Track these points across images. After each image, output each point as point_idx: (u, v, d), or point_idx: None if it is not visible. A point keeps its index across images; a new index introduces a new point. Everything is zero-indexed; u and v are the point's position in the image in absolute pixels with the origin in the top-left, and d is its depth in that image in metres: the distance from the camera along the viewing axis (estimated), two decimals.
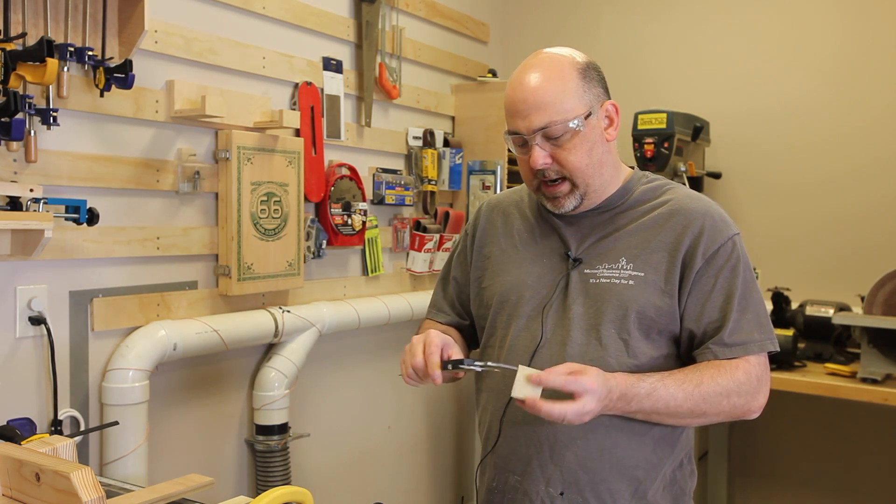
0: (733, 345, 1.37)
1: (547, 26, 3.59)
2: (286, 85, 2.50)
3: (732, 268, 1.40)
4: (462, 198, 3.24)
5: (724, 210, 1.49)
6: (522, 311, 1.48)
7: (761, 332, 1.39)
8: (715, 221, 1.42)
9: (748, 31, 3.17)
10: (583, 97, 1.39)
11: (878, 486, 2.96)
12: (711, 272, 1.39)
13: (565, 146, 1.38)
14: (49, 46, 1.64)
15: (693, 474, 1.51)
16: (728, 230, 1.42)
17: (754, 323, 1.39)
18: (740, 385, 1.35)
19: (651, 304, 1.38)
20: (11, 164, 1.77)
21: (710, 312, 1.39)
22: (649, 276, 1.39)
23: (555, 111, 1.37)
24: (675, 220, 1.42)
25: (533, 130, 1.38)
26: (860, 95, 2.96)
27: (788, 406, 3.07)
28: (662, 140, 2.78)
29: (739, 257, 1.41)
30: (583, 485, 1.41)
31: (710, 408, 1.34)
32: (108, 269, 2.01)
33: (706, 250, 1.39)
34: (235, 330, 2.21)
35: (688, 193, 1.48)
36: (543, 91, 1.37)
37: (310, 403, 2.65)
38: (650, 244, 1.41)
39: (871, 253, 2.90)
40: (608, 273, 1.41)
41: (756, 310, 1.40)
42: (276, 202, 2.36)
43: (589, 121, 1.39)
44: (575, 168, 1.40)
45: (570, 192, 1.42)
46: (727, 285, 1.39)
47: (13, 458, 1.31)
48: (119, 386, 1.96)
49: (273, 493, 1.25)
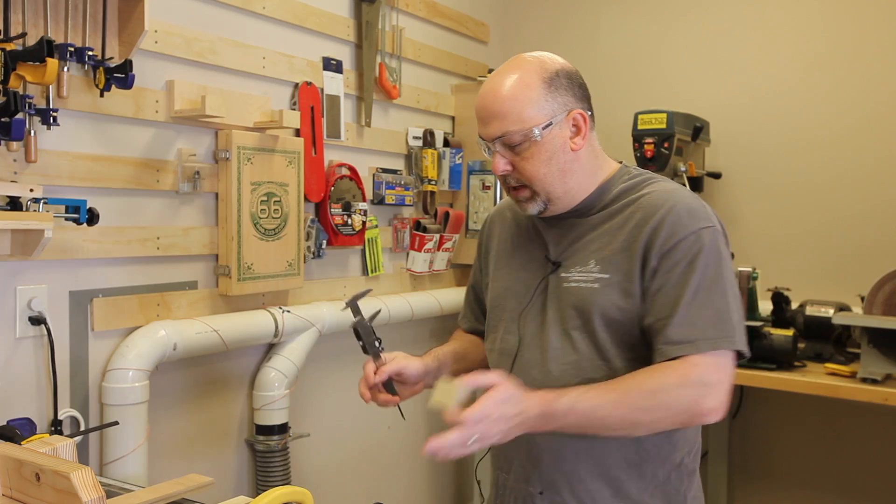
0: (680, 341, 1.29)
1: (547, 26, 3.59)
2: (286, 85, 2.50)
3: (690, 262, 1.32)
4: (462, 198, 3.24)
5: (714, 207, 1.43)
6: (507, 315, 1.52)
7: (718, 329, 1.30)
8: (678, 216, 1.35)
9: (748, 31, 3.17)
10: (543, 107, 1.37)
11: (878, 486, 2.96)
12: (667, 266, 1.33)
13: (523, 155, 1.39)
14: (49, 46, 1.64)
15: (694, 474, 1.49)
16: (693, 224, 1.35)
17: (711, 319, 1.30)
18: (673, 389, 1.27)
19: (614, 305, 1.37)
20: (11, 164, 1.77)
21: (661, 308, 1.32)
22: (614, 278, 1.38)
23: (512, 121, 1.37)
24: (638, 218, 1.38)
25: (492, 138, 1.40)
26: (861, 96, 2.96)
27: (788, 406, 3.07)
28: (662, 140, 2.78)
29: (700, 251, 1.33)
30: (560, 485, 1.42)
31: (643, 415, 1.28)
32: (107, 269, 2.01)
33: (663, 245, 1.34)
34: (235, 330, 2.21)
35: (662, 189, 1.41)
36: (503, 100, 1.38)
37: (310, 403, 2.65)
38: (615, 244, 1.39)
39: (871, 253, 2.90)
40: (578, 276, 1.41)
41: (717, 305, 1.31)
42: (276, 202, 2.36)
43: (549, 130, 1.38)
44: (532, 177, 1.40)
45: (531, 197, 1.43)
46: (681, 280, 1.32)
47: (13, 458, 1.31)
48: (119, 386, 1.96)
49: (273, 493, 1.25)
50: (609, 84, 3.39)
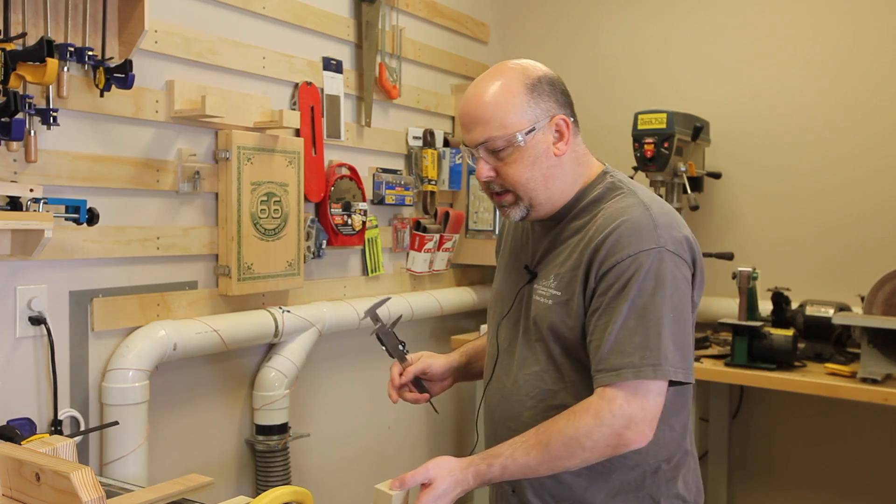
0: (606, 370, 1.30)
1: (547, 26, 3.59)
2: (286, 85, 2.50)
3: (623, 287, 1.31)
4: (462, 198, 3.24)
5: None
6: (494, 320, 1.57)
7: (643, 356, 1.28)
8: (619, 237, 1.33)
9: (748, 31, 3.16)
10: (526, 112, 1.38)
11: (878, 486, 2.96)
12: (602, 289, 1.33)
13: (506, 160, 1.39)
14: (49, 46, 1.64)
15: (673, 481, 1.44)
16: (633, 246, 1.32)
17: (639, 346, 1.28)
18: (588, 429, 1.28)
19: (563, 323, 1.38)
20: (11, 164, 1.77)
21: (595, 331, 1.33)
22: (563, 296, 1.39)
23: (495, 126, 1.37)
24: (588, 236, 1.39)
25: (475, 144, 1.40)
26: (861, 96, 2.96)
27: (788, 406, 3.07)
28: (662, 140, 2.78)
29: (635, 274, 1.30)
30: (524, 486, 1.44)
31: (567, 461, 1.31)
32: (107, 269, 2.01)
33: (600, 267, 1.34)
34: (235, 330, 2.21)
35: (618, 206, 1.39)
36: (486, 106, 1.38)
37: (310, 403, 2.65)
38: (570, 261, 1.40)
39: (871, 253, 2.90)
40: (541, 290, 1.44)
41: (647, 332, 1.29)
42: (276, 202, 2.36)
43: (532, 136, 1.38)
44: (516, 182, 1.40)
45: (515, 203, 1.43)
46: (612, 305, 1.31)
47: (13, 458, 1.31)
48: (119, 386, 1.96)
49: (273, 493, 1.25)
50: (609, 84, 3.38)
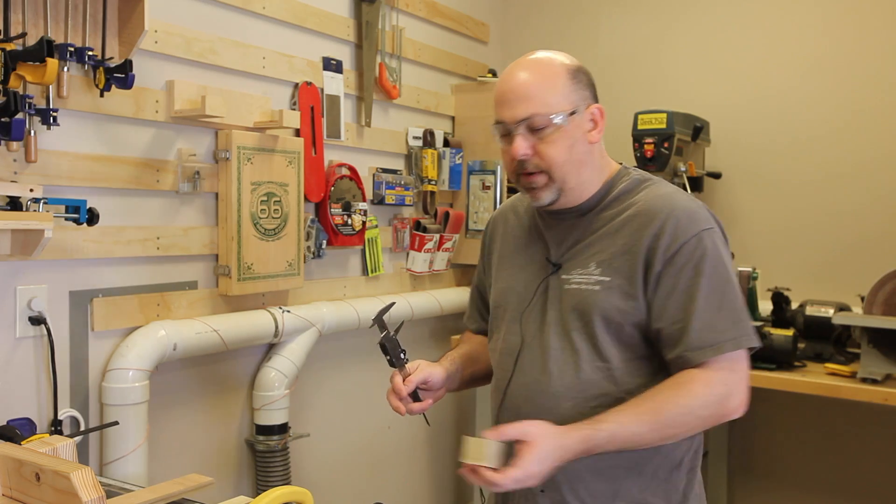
0: (702, 346, 1.34)
1: (547, 26, 3.59)
2: (286, 85, 2.50)
3: (696, 265, 1.36)
4: (462, 198, 3.24)
5: (714, 207, 1.47)
6: (509, 315, 1.54)
7: (736, 328, 1.35)
8: (678, 220, 1.38)
9: (748, 31, 3.16)
10: (568, 96, 1.42)
11: (878, 486, 2.95)
12: (673, 271, 1.37)
13: (547, 139, 1.41)
14: (49, 46, 1.64)
15: (694, 472, 1.49)
16: (694, 227, 1.38)
17: (729, 320, 1.35)
18: (702, 397, 1.32)
19: (614, 307, 1.39)
20: (11, 164, 1.77)
21: (674, 312, 1.36)
22: (615, 281, 1.40)
23: (539, 104, 1.40)
24: (637, 222, 1.41)
25: (517, 120, 1.42)
26: (860, 96, 2.96)
27: (788, 406, 3.07)
28: (662, 140, 2.78)
29: (705, 254, 1.36)
30: (559, 483, 1.43)
31: (679, 429, 1.34)
32: (107, 269, 2.01)
33: (667, 250, 1.37)
34: (235, 330, 2.21)
35: (657, 193, 1.45)
36: (530, 84, 1.41)
37: (310, 403, 2.65)
38: (615, 247, 1.42)
39: (871, 252, 2.90)
40: (579, 278, 1.44)
41: (730, 306, 1.37)
42: (276, 202, 2.36)
43: (573, 118, 1.42)
44: (554, 161, 1.42)
45: (547, 184, 1.44)
46: (689, 284, 1.36)
47: (13, 458, 1.31)
48: (119, 386, 1.96)
49: (273, 493, 1.25)
50: (609, 84, 3.37)
